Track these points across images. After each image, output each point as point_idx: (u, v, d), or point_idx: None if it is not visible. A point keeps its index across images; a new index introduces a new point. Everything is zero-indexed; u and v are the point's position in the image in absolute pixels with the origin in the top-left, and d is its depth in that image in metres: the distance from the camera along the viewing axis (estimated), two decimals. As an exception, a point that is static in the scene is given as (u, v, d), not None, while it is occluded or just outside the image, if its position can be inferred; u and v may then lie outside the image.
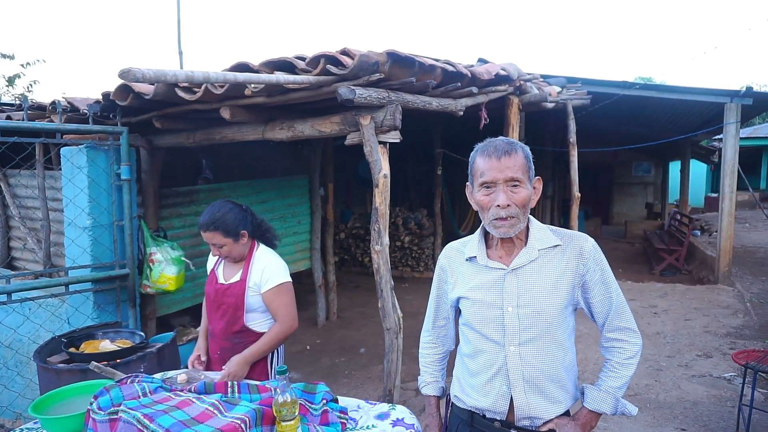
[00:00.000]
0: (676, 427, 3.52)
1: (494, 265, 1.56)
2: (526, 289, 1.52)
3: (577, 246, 1.55)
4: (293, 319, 2.41)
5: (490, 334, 1.55)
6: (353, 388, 4.43)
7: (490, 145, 1.52)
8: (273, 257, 2.48)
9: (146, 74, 1.81)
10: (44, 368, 2.62)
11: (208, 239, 2.37)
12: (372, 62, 2.61)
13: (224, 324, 2.44)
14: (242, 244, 2.42)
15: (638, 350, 1.59)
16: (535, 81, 5.24)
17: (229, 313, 2.42)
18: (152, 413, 1.68)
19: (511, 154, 1.47)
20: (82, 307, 3.41)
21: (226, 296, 2.42)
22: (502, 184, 1.47)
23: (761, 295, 6.64)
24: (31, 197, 4.26)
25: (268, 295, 2.38)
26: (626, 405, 1.60)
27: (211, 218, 2.34)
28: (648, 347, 5.01)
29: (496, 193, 1.47)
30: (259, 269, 2.40)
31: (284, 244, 5.64)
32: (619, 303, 1.58)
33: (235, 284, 2.41)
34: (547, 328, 1.51)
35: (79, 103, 3.44)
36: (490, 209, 1.49)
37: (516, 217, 1.48)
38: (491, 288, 1.55)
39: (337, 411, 1.93)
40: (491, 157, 1.48)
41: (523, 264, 1.53)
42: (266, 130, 3.34)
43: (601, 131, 11.78)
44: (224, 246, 2.36)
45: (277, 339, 2.39)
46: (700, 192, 19.15)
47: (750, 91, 6.95)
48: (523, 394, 1.52)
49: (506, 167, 1.46)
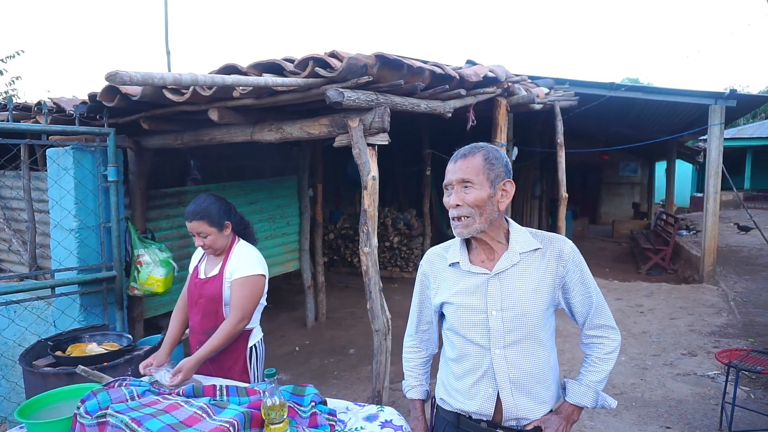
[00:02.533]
0: (661, 425, 3.56)
1: (477, 270, 1.58)
2: (509, 292, 1.55)
3: (557, 248, 1.58)
4: (244, 314, 2.34)
5: (475, 338, 1.57)
6: (342, 388, 4.44)
7: (457, 151, 1.59)
8: (250, 249, 2.52)
9: (133, 77, 1.80)
10: (30, 372, 2.60)
11: (194, 229, 2.40)
12: (360, 65, 2.62)
13: (200, 318, 2.45)
14: (226, 235, 2.47)
15: (617, 345, 1.65)
16: (523, 83, 5.27)
17: (207, 307, 2.43)
18: (140, 417, 1.67)
19: (467, 157, 1.54)
20: (68, 309, 3.38)
21: (204, 290, 2.44)
22: (456, 185, 1.53)
23: (745, 294, 6.75)
24: (16, 198, 4.20)
25: (233, 284, 2.39)
26: (606, 398, 1.66)
27: (197, 208, 2.41)
28: (634, 346, 5.07)
29: (452, 194, 1.54)
30: (235, 260, 2.44)
31: (273, 245, 5.63)
32: (599, 302, 1.62)
33: (213, 278, 2.44)
34: (531, 330, 1.54)
35: (65, 104, 3.41)
36: (450, 210, 1.55)
37: (470, 217, 1.52)
38: (475, 293, 1.58)
39: (325, 413, 1.93)
40: (452, 161, 1.57)
41: (506, 268, 1.56)
42: (255, 131, 3.33)
43: (589, 132, 11.88)
44: (209, 235, 2.40)
45: (226, 334, 2.31)
46: (686, 192, 19.40)
47: (733, 93, 7.06)
48: (511, 396, 1.55)
49: (459, 169, 1.53)
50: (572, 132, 8.44)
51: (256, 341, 2.53)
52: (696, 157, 14.54)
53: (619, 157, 15.44)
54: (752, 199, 15.88)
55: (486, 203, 1.51)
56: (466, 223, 1.52)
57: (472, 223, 1.52)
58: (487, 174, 1.52)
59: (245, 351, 2.46)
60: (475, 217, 1.51)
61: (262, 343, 2.59)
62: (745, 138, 16.93)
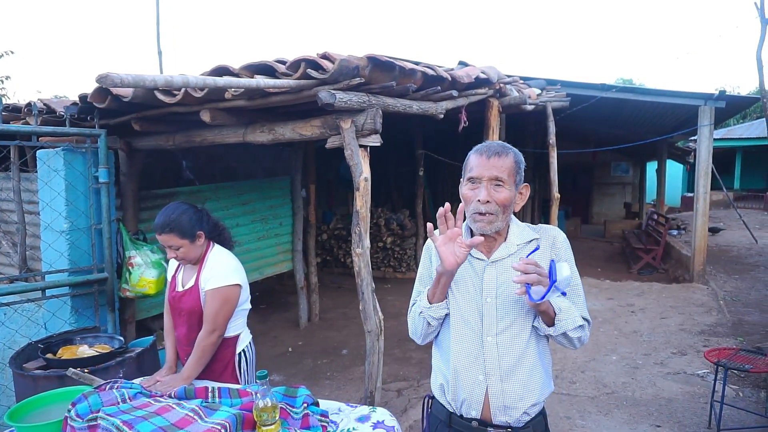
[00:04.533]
0: (651, 424, 3.60)
1: (476, 256, 1.62)
2: (504, 279, 1.58)
3: (551, 236, 1.66)
4: (215, 326, 2.30)
5: (469, 324, 1.60)
6: (335, 389, 4.44)
7: (484, 145, 1.60)
8: (223, 257, 2.43)
9: (124, 79, 1.80)
10: (20, 375, 2.57)
11: (165, 242, 2.32)
12: (352, 66, 2.62)
13: (186, 330, 2.43)
14: (199, 246, 2.38)
15: (588, 335, 1.60)
16: (515, 84, 5.30)
17: (190, 319, 2.40)
18: (131, 420, 1.67)
19: (500, 156, 1.55)
20: (59, 311, 3.36)
21: (182, 303, 2.40)
22: (486, 182, 1.54)
23: (734, 293, 6.81)
24: (5, 200, 4.18)
25: (206, 294, 2.33)
26: (572, 319, 1.53)
27: (166, 220, 2.30)
28: (625, 345, 5.11)
29: (480, 189, 1.54)
30: (208, 269, 2.37)
31: (266, 246, 5.63)
32: (582, 295, 1.65)
33: (189, 290, 2.39)
34: (523, 317, 1.57)
35: (55, 105, 3.40)
36: (472, 203, 1.56)
37: (495, 215, 1.54)
38: (471, 279, 1.61)
39: (317, 414, 1.94)
40: (482, 155, 1.56)
41: (502, 257, 1.61)
42: (247, 132, 3.33)
43: (581, 132, 11.96)
44: (181, 248, 2.32)
45: (201, 347, 2.28)
46: (677, 192, 19.55)
47: (723, 94, 7.12)
48: (499, 381, 1.57)
49: (493, 166, 1.54)
50: (564, 132, 8.50)
51: (244, 346, 2.51)
52: (686, 157, 14.66)
53: (610, 158, 15.53)
54: (742, 199, 16.04)
55: (510, 204, 1.56)
56: (490, 219, 1.54)
57: (496, 220, 1.55)
58: (515, 176, 1.57)
59: (234, 357, 2.45)
60: (499, 215, 1.55)
61: (251, 346, 2.58)
62: (735, 138, 17.10)
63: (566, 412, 3.78)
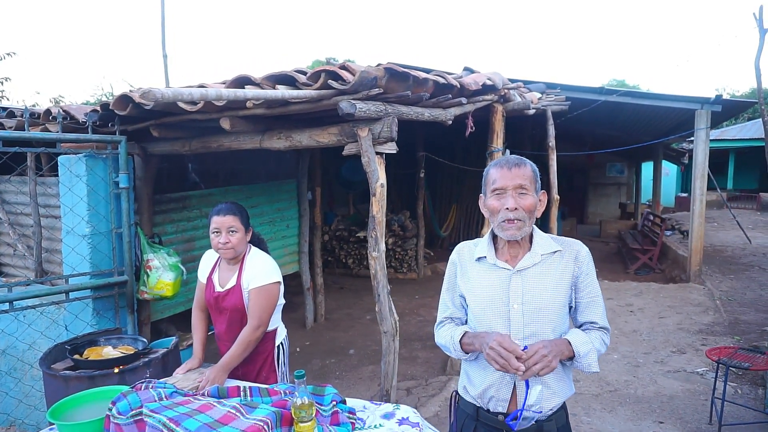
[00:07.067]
0: (654, 420, 3.72)
1: (502, 265, 1.72)
2: (530, 288, 1.69)
3: (574, 251, 1.74)
4: (261, 322, 2.45)
5: (496, 329, 1.70)
6: (345, 388, 4.54)
7: (503, 159, 1.72)
8: (263, 258, 2.58)
9: (165, 94, 1.90)
10: (51, 375, 2.66)
11: (225, 223, 2.43)
12: (371, 77, 2.73)
13: (226, 327, 2.56)
14: (246, 240, 2.54)
15: (608, 344, 1.77)
16: (518, 89, 5.42)
17: (232, 317, 2.53)
18: (177, 417, 1.77)
19: (520, 166, 1.67)
20: (81, 314, 3.45)
21: (225, 302, 2.52)
22: (512, 191, 1.65)
23: (730, 293, 6.97)
24: (21, 203, 4.25)
25: (250, 293, 2.47)
26: (593, 361, 1.66)
27: (231, 205, 2.51)
28: (626, 344, 5.24)
29: (506, 198, 1.65)
30: (250, 269, 2.51)
31: (273, 248, 5.67)
32: (602, 306, 1.77)
33: (231, 290, 2.51)
34: (548, 324, 1.68)
35: (75, 112, 3.47)
36: (500, 212, 1.66)
37: (523, 221, 1.65)
38: (498, 286, 1.71)
39: (346, 412, 2.04)
40: (503, 167, 1.68)
41: (528, 266, 1.70)
42: (264, 139, 3.42)
43: (578, 134, 12.10)
44: (237, 232, 2.45)
45: (246, 341, 2.43)
46: (671, 192, 19.77)
47: (719, 98, 7.27)
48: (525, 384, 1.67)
49: (516, 176, 1.65)
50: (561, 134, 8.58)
51: (282, 339, 2.67)
52: (681, 159, 14.85)
53: (605, 158, 15.67)
54: (735, 199, 16.27)
55: (535, 209, 1.68)
56: (519, 225, 1.65)
57: (524, 226, 1.65)
58: (535, 184, 1.68)
59: (273, 350, 2.60)
60: (526, 220, 1.65)
61: (287, 339, 2.74)
62: (728, 139, 17.32)
63: (572, 409, 3.91)
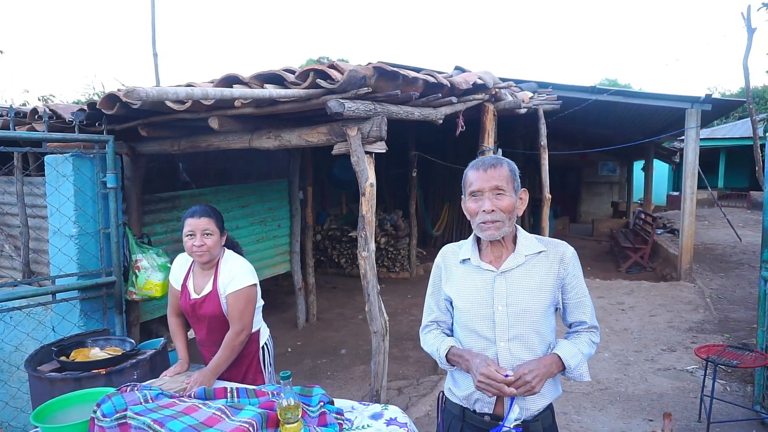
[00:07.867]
0: (644, 418, 3.74)
1: (486, 267, 1.72)
2: (514, 290, 1.68)
3: (560, 252, 1.74)
4: (243, 325, 2.44)
5: (482, 331, 1.69)
6: (336, 388, 4.53)
7: (479, 161, 1.72)
8: (237, 261, 2.54)
9: (150, 93, 1.88)
10: (37, 377, 2.63)
11: (201, 226, 2.39)
12: (360, 76, 2.72)
13: (207, 333, 2.54)
14: (220, 244, 2.51)
15: (598, 342, 1.79)
16: (509, 88, 5.43)
17: (211, 323, 2.50)
18: (161, 418, 1.75)
19: (496, 167, 1.66)
20: (68, 315, 3.41)
21: (202, 309, 2.49)
22: (488, 192, 1.65)
23: (720, 291, 7.01)
24: (8, 203, 4.21)
25: (228, 297, 2.44)
26: (585, 372, 1.71)
27: (206, 207, 2.48)
28: (617, 343, 5.26)
29: (483, 200, 1.65)
30: (225, 273, 2.47)
31: (265, 248, 5.70)
32: (590, 306, 1.77)
33: (208, 296, 2.48)
34: (533, 325, 1.67)
35: (62, 111, 3.44)
36: (478, 214, 1.66)
37: (501, 221, 1.65)
38: (482, 288, 1.71)
39: (333, 412, 2.03)
40: (479, 169, 1.68)
41: (512, 268, 1.70)
42: (253, 138, 3.40)
43: (570, 133, 12.13)
44: (212, 235, 2.42)
45: (231, 346, 2.42)
46: (663, 190, 19.89)
47: (709, 98, 7.31)
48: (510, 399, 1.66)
49: (491, 177, 1.65)
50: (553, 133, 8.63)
51: (266, 339, 2.67)
52: (672, 157, 14.93)
53: (597, 157, 15.75)
54: (725, 198, 16.39)
55: (514, 209, 1.67)
56: (497, 226, 1.65)
57: (503, 226, 1.65)
58: (513, 183, 1.67)
59: (258, 351, 2.59)
60: (505, 221, 1.65)
61: (271, 339, 2.73)
62: (719, 138, 17.44)
63: (562, 407, 3.91)
